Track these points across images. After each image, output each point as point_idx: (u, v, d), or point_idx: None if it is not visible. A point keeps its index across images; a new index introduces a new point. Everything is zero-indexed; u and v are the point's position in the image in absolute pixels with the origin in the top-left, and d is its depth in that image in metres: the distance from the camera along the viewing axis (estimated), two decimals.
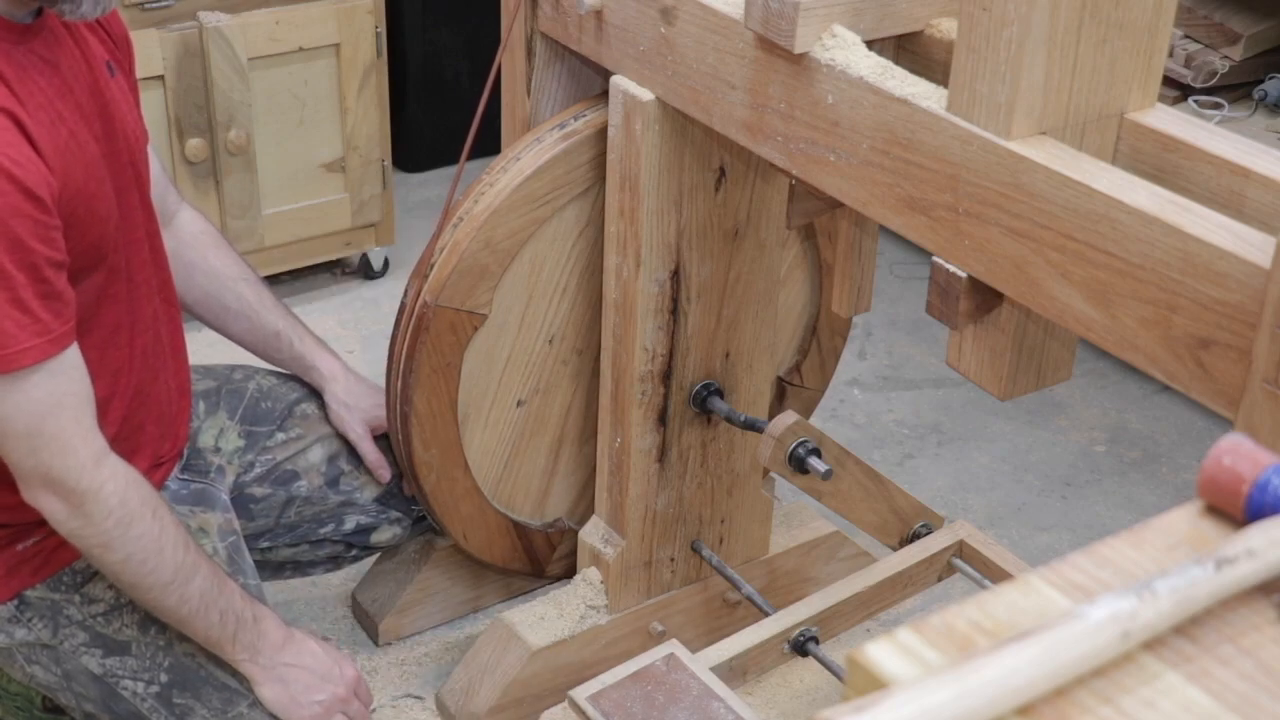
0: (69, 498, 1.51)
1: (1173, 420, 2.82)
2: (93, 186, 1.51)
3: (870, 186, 1.47)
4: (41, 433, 1.47)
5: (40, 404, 1.46)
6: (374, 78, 2.89)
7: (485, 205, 1.86)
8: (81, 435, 1.50)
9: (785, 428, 1.88)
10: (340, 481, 1.98)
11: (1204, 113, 2.79)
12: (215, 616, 1.63)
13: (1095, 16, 1.29)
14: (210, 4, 2.69)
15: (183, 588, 1.59)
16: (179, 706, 1.68)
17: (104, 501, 1.52)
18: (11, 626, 1.66)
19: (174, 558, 1.58)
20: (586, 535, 2.08)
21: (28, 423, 1.46)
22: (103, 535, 1.54)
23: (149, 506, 1.56)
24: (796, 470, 1.90)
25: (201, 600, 1.61)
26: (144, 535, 1.55)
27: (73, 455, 1.49)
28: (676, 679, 1.80)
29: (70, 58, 1.53)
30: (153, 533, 1.56)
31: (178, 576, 1.59)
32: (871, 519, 2.12)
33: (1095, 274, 1.27)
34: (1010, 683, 0.62)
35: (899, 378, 2.93)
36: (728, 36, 1.59)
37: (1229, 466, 0.75)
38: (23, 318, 1.41)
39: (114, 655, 1.67)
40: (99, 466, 1.51)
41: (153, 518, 1.56)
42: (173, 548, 1.58)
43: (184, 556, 1.59)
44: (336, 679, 1.72)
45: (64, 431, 1.48)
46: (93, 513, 1.52)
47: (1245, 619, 0.70)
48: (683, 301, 1.91)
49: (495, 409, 2.02)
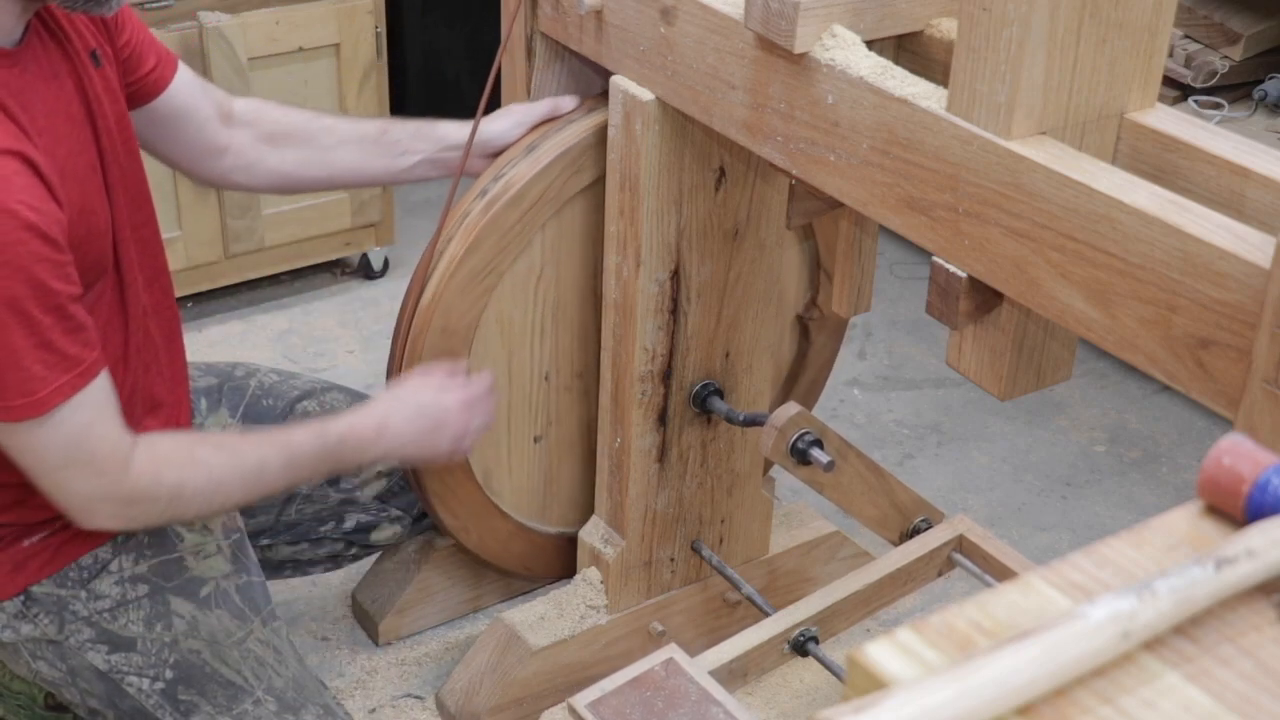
0: (117, 504, 1.55)
1: (1173, 420, 2.82)
2: (90, 201, 1.52)
3: (870, 186, 1.47)
4: (75, 461, 1.51)
5: (72, 435, 1.49)
6: (374, 78, 2.89)
7: (430, 296, 1.87)
8: (110, 450, 1.52)
9: (787, 418, 1.87)
10: (341, 480, 1.98)
11: (1204, 113, 2.79)
12: (307, 472, 1.69)
13: (1095, 16, 1.29)
14: (210, 4, 2.69)
15: (258, 483, 1.64)
16: (184, 703, 1.68)
17: (146, 491, 1.56)
18: (17, 622, 1.66)
19: (235, 475, 1.62)
20: (586, 535, 2.08)
21: (63, 454, 1.50)
22: (166, 514, 1.59)
23: (186, 463, 1.59)
24: (798, 461, 1.89)
25: (289, 472, 1.66)
26: (199, 487, 1.59)
27: (105, 475, 1.53)
28: (675, 684, 1.80)
29: (55, 67, 1.52)
30: (201, 476, 1.59)
31: (247, 481, 1.63)
32: (872, 512, 2.11)
33: (1095, 274, 1.27)
34: (1010, 683, 0.63)
35: (899, 378, 2.93)
36: (728, 36, 1.59)
37: (1229, 466, 0.75)
38: (51, 358, 1.44)
39: (119, 651, 1.67)
40: (128, 470, 1.54)
41: (194, 466, 1.60)
42: (227, 470, 1.62)
43: (242, 467, 1.63)
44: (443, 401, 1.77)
45: (95, 454, 1.51)
46: (146, 509, 1.57)
47: (1245, 619, 0.70)
48: (683, 301, 1.91)
49: (515, 453, 2.04)
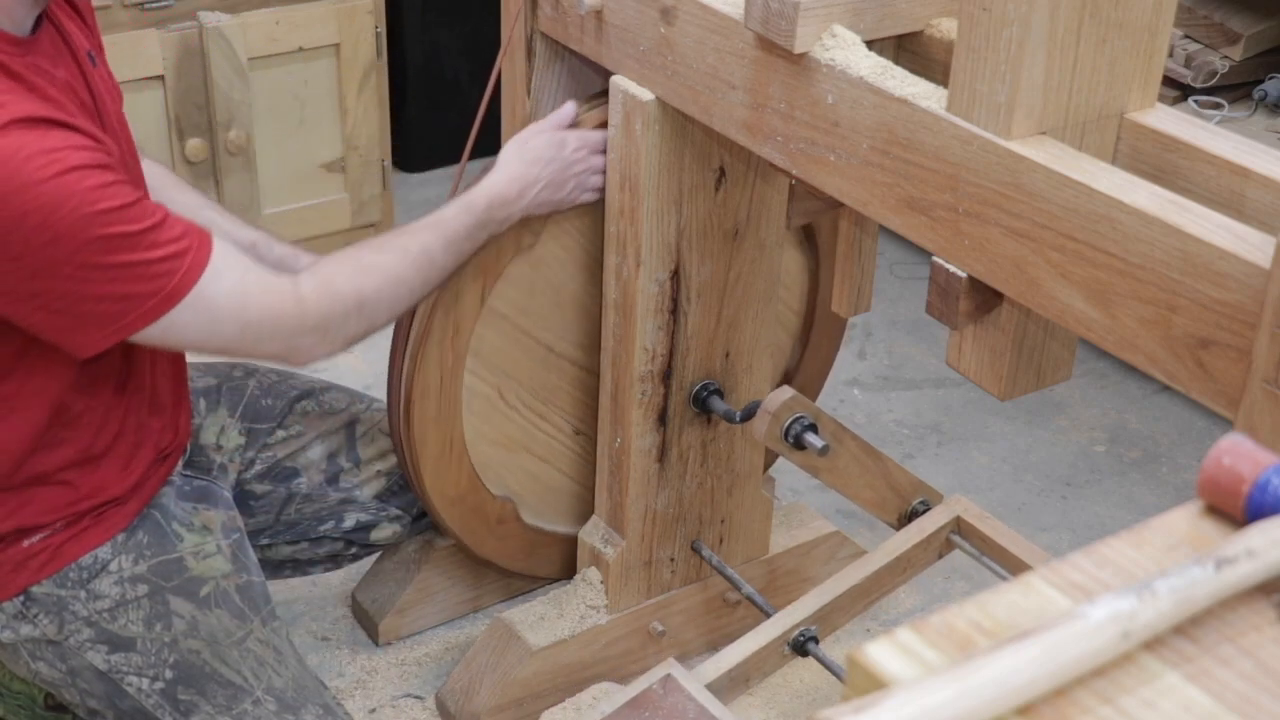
0: (316, 334, 1.57)
1: (1173, 420, 2.82)
2: None
3: (870, 186, 1.47)
4: (249, 323, 1.52)
5: (231, 302, 1.50)
6: (374, 78, 2.89)
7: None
8: (274, 295, 1.54)
9: (781, 403, 1.86)
10: (340, 478, 1.98)
11: (1204, 113, 2.79)
12: (469, 245, 1.74)
13: (1095, 16, 1.29)
14: (210, 4, 2.69)
15: (430, 269, 1.68)
16: (184, 703, 1.68)
17: (330, 312, 1.58)
18: (17, 623, 1.66)
19: (410, 269, 1.66)
20: (586, 535, 2.08)
21: (236, 322, 1.51)
22: (361, 324, 1.62)
23: (355, 272, 1.63)
24: (793, 446, 1.89)
25: (450, 252, 1.70)
26: (379, 288, 1.63)
27: (285, 317, 1.54)
28: (674, 702, 1.79)
29: (65, 60, 1.53)
30: (377, 280, 1.63)
31: (421, 271, 1.67)
32: (869, 495, 2.10)
33: (1095, 274, 1.27)
34: (1010, 683, 0.63)
35: (899, 378, 2.93)
36: (728, 36, 1.59)
37: (1229, 466, 0.75)
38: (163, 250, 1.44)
39: (119, 651, 1.67)
40: (302, 302, 1.56)
41: (366, 273, 1.63)
42: (400, 266, 1.65)
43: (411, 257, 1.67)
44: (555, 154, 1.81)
45: (264, 306, 1.52)
46: (341, 327, 1.60)
47: (1245, 619, 0.70)
48: (683, 301, 1.91)
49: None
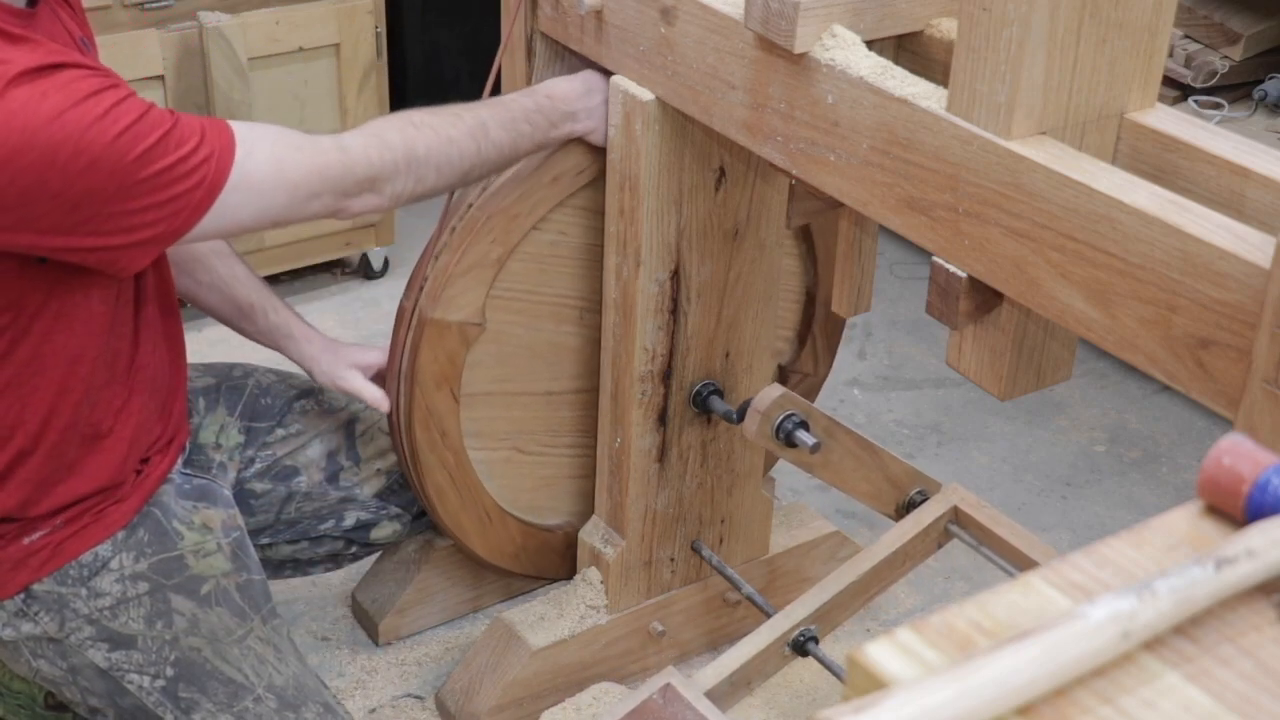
0: (366, 188, 1.58)
1: (1173, 420, 2.82)
2: None
3: (870, 186, 1.47)
4: (295, 189, 1.52)
5: (270, 173, 1.50)
6: (374, 78, 2.89)
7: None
8: (311, 155, 1.54)
9: (771, 401, 1.86)
10: (340, 477, 1.98)
11: (1204, 113, 2.79)
12: (526, 128, 1.75)
13: (1095, 16, 1.29)
14: (210, 4, 2.69)
15: (485, 140, 1.68)
16: (185, 700, 1.68)
17: (379, 161, 1.58)
18: (18, 621, 1.66)
19: (461, 130, 1.67)
20: (586, 535, 2.08)
21: (285, 194, 1.51)
22: (412, 179, 1.62)
23: (404, 125, 1.64)
24: (785, 444, 1.89)
25: (506, 130, 1.71)
26: (430, 144, 1.63)
27: (329, 172, 1.54)
28: (674, 712, 1.79)
29: (63, 39, 1.53)
30: (428, 136, 1.63)
31: (475, 136, 1.68)
32: (865, 488, 2.10)
33: (1095, 274, 1.27)
34: (1010, 683, 0.63)
35: (899, 378, 2.93)
36: (728, 36, 1.59)
37: (1229, 466, 0.75)
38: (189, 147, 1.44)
39: (120, 649, 1.67)
40: (347, 154, 1.56)
41: (416, 129, 1.63)
42: (452, 126, 1.66)
43: (463, 123, 1.67)
44: None
45: (305, 168, 1.53)
46: (392, 179, 1.60)
47: (1245, 619, 0.70)
48: (683, 301, 1.91)
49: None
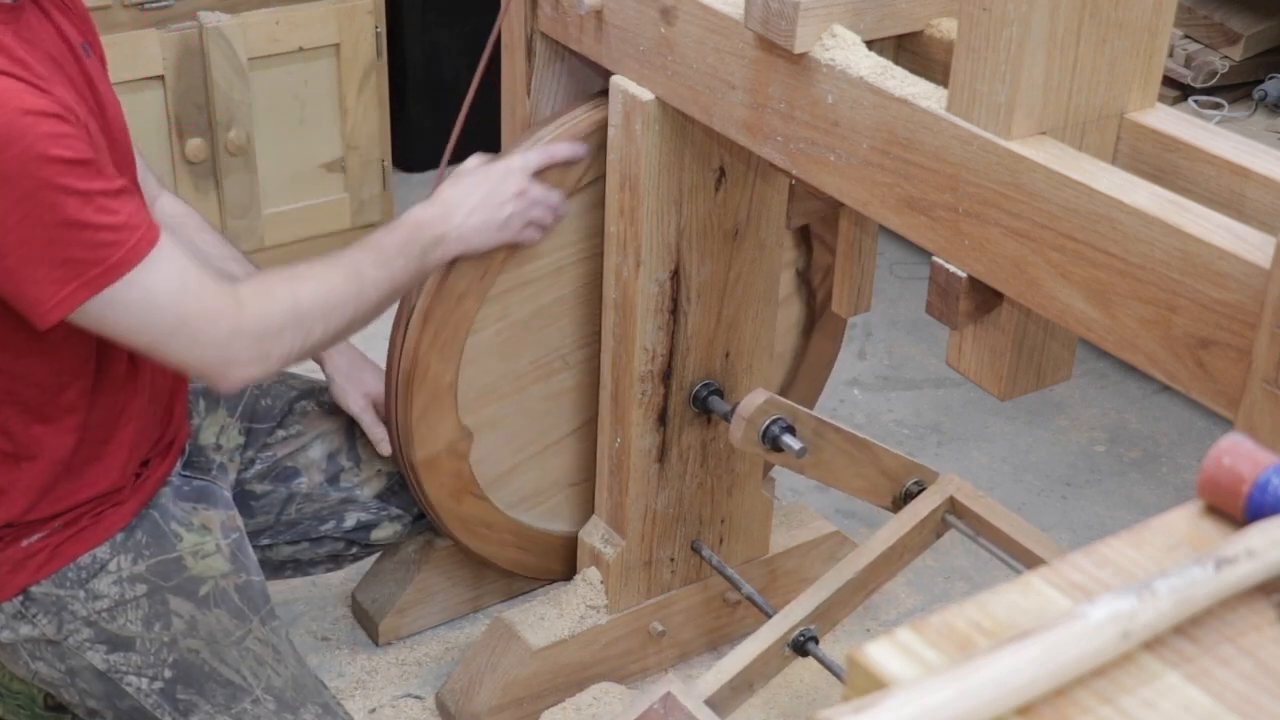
0: (252, 349, 1.54)
1: (1173, 420, 2.82)
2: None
3: (870, 186, 1.47)
4: (187, 315, 1.49)
5: (171, 289, 1.48)
6: (374, 78, 2.89)
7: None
8: (214, 292, 1.52)
9: (755, 407, 1.86)
10: (340, 478, 1.98)
11: (1204, 113, 2.78)
12: (400, 265, 1.72)
13: (1095, 16, 1.29)
14: (210, 4, 2.69)
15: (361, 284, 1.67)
16: (183, 702, 1.68)
17: (267, 316, 1.56)
18: (16, 623, 1.66)
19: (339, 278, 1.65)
20: (586, 535, 2.08)
21: (173, 312, 1.48)
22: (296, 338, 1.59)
23: (289, 278, 1.61)
24: (771, 449, 1.89)
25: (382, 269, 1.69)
26: (313, 294, 1.61)
27: (220, 320, 1.51)
28: None
29: (52, 38, 1.53)
30: (310, 286, 1.62)
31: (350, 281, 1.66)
32: (859, 484, 2.09)
33: (1095, 274, 1.27)
34: (1010, 683, 0.63)
35: (899, 378, 2.93)
36: (728, 36, 1.59)
37: (1229, 466, 0.75)
38: (114, 220, 1.42)
39: (118, 651, 1.67)
40: (240, 303, 1.54)
41: (298, 279, 1.62)
42: (330, 273, 1.65)
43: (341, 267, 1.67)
44: (502, 187, 1.81)
45: (201, 307, 1.50)
46: (276, 336, 1.56)
47: (1245, 619, 0.70)
48: (683, 301, 1.91)
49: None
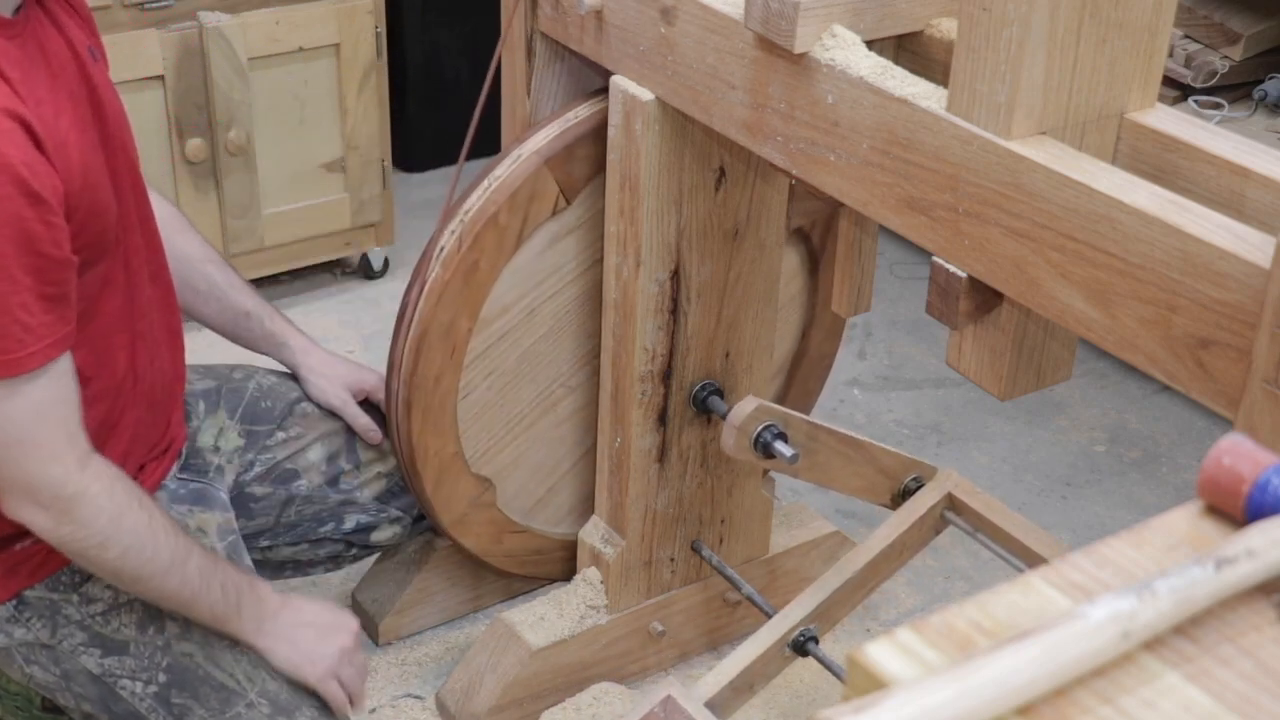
0: (54, 505, 1.50)
1: (1173, 420, 2.82)
2: (93, 178, 1.51)
3: (870, 186, 1.47)
4: (23, 442, 1.46)
5: (31, 411, 1.45)
6: (374, 78, 2.89)
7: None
8: (68, 440, 1.49)
9: (746, 415, 1.86)
10: (340, 480, 1.98)
11: (1204, 113, 2.78)
12: (218, 592, 1.63)
13: (1095, 16, 1.29)
14: (210, 4, 2.69)
15: (182, 568, 1.59)
16: (177, 706, 1.68)
17: (93, 500, 1.51)
18: (10, 626, 1.66)
19: (168, 542, 1.58)
20: (586, 535, 2.08)
21: (17, 431, 1.45)
22: (98, 534, 1.53)
23: (134, 497, 1.56)
24: (764, 455, 1.89)
25: (202, 578, 1.61)
26: (137, 525, 1.55)
27: (59, 462, 1.48)
28: None
29: (56, 46, 1.53)
30: (143, 521, 1.56)
31: (175, 558, 1.58)
32: (856, 483, 2.09)
33: (1095, 274, 1.27)
34: (1010, 683, 0.62)
35: (899, 378, 2.93)
36: (728, 36, 1.59)
37: (1229, 466, 0.75)
38: (29, 320, 1.41)
39: (112, 655, 1.67)
40: (85, 468, 1.50)
41: (140, 507, 1.56)
42: (165, 533, 1.58)
43: (176, 539, 1.60)
44: (340, 628, 1.73)
45: (52, 438, 1.47)
46: (84, 515, 1.51)
47: (1245, 619, 0.70)
48: (683, 301, 1.91)
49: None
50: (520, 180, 1.85)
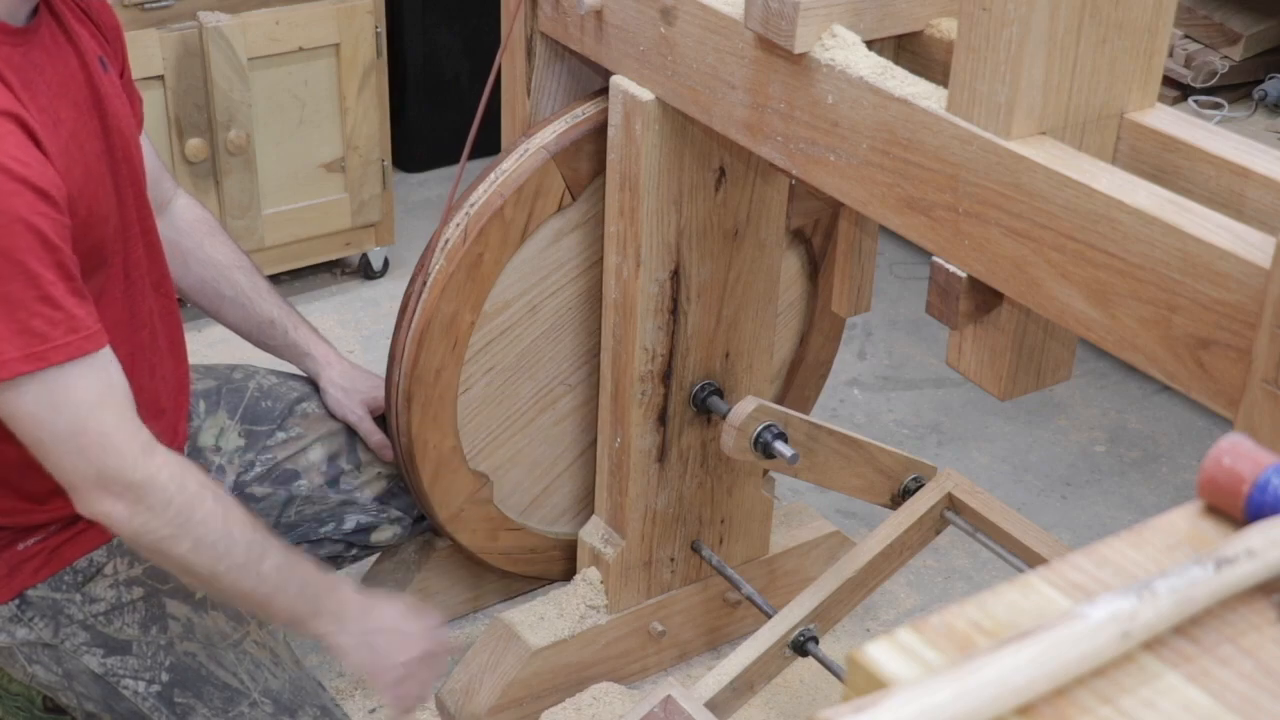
0: (126, 494, 1.46)
1: (1173, 420, 2.82)
2: (94, 187, 1.51)
3: (870, 186, 1.47)
4: (86, 431, 1.43)
5: (81, 402, 1.42)
6: (374, 78, 2.89)
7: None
8: (128, 429, 1.46)
9: (746, 415, 1.86)
10: (340, 480, 1.98)
11: (1204, 113, 2.78)
12: (295, 590, 1.58)
13: (1095, 16, 1.29)
14: (210, 4, 2.69)
15: (258, 565, 1.55)
16: (180, 706, 1.68)
17: (163, 489, 1.47)
18: (13, 626, 1.66)
19: (244, 536, 1.54)
20: (586, 535, 2.08)
21: (70, 423, 1.42)
22: (168, 525, 1.49)
23: (208, 489, 1.52)
24: (764, 456, 1.89)
25: (279, 575, 1.56)
26: (209, 517, 1.51)
27: (122, 449, 1.45)
28: None
29: (64, 55, 1.53)
30: (217, 514, 1.51)
31: (250, 554, 1.54)
32: (856, 484, 2.09)
33: (1095, 274, 1.27)
34: (1010, 683, 0.62)
35: (899, 378, 2.93)
36: (728, 36, 1.59)
37: (1229, 466, 0.75)
38: (54, 314, 1.39)
39: (115, 654, 1.67)
40: (151, 456, 1.47)
41: (214, 500, 1.52)
42: (240, 526, 1.54)
43: (253, 534, 1.55)
44: (418, 636, 1.69)
45: (109, 427, 1.44)
46: (154, 504, 1.47)
47: (1245, 619, 0.70)
48: (683, 301, 1.91)
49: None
50: (527, 174, 1.85)
